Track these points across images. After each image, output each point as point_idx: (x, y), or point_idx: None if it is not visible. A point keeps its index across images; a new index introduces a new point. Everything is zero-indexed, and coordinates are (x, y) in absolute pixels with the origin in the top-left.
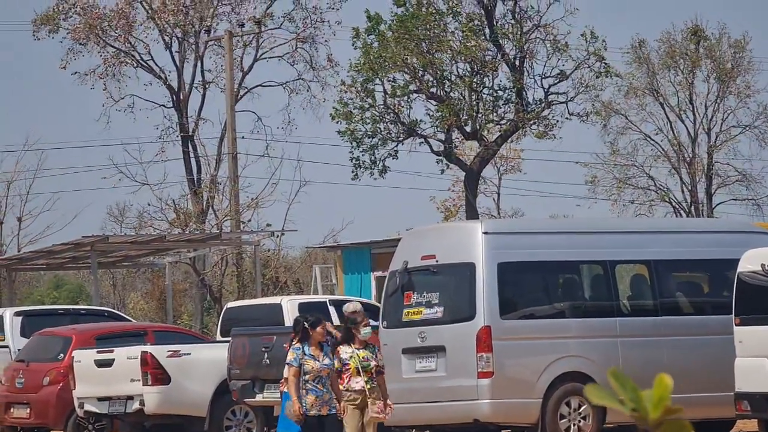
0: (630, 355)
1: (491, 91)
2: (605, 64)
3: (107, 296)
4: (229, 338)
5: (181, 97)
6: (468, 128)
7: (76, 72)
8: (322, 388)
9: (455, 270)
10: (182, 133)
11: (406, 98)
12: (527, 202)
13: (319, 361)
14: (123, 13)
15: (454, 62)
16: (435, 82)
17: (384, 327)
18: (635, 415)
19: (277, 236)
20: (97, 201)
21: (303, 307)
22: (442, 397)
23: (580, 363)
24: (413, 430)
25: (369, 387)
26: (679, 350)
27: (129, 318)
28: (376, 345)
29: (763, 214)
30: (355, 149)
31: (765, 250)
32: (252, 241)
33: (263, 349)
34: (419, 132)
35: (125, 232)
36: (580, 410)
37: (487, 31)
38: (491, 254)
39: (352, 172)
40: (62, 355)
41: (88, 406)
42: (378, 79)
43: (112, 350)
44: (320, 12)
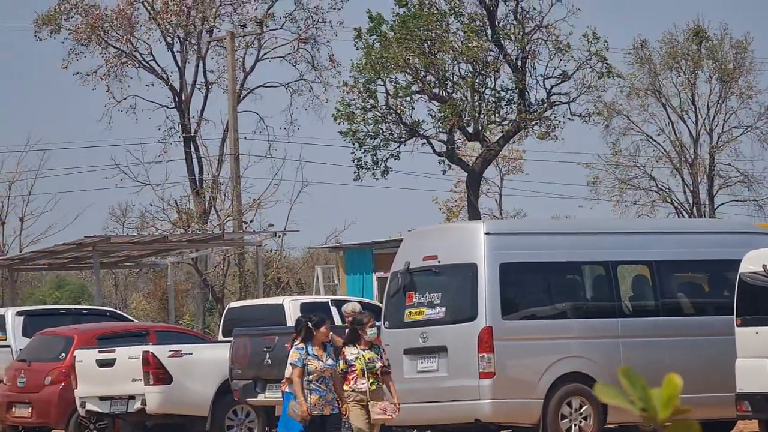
0: (631, 356)
1: (493, 91)
2: (607, 64)
3: (109, 296)
4: (231, 338)
5: (183, 98)
6: (470, 129)
7: (78, 72)
8: (325, 388)
9: (457, 270)
10: (184, 134)
11: (408, 99)
12: (529, 203)
13: (322, 361)
14: (125, 13)
15: (456, 63)
16: (437, 82)
17: (386, 327)
18: (644, 414)
19: (279, 237)
20: (99, 201)
21: (305, 308)
22: (443, 398)
23: (581, 363)
24: (414, 430)
25: (373, 388)
26: (681, 351)
27: (131, 318)
28: (381, 346)
29: (764, 214)
30: (357, 150)
31: (766, 251)
32: (254, 242)
33: (265, 349)
34: (421, 133)
35: (127, 232)
36: (582, 411)
37: (489, 31)
38: (493, 255)
39: (354, 172)
40: (64, 354)
41: (89, 406)
42: (380, 79)
43: (114, 350)
44: (322, 12)
